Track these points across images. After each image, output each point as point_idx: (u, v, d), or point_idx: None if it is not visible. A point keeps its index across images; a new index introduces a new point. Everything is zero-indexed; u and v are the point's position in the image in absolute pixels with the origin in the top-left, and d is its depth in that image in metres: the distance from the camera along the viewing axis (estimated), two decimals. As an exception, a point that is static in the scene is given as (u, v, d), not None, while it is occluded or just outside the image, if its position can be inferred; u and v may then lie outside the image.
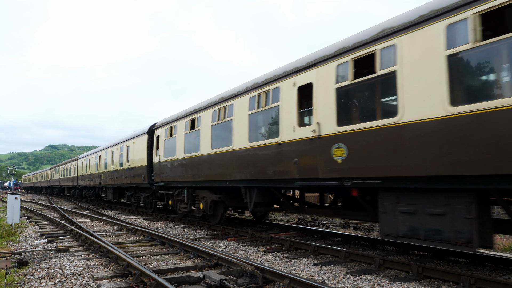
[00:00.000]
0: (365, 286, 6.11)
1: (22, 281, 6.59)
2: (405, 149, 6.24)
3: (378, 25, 7.22)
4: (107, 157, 25.63)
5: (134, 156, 20.20)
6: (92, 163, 30.07)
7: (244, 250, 9.32)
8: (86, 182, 31.78)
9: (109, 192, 25.64)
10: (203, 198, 13.22)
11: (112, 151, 24.64)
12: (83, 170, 33.20)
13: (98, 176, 27.78)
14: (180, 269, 7.16)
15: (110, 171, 24.54)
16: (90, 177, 30.29)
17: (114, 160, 23.85)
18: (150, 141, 18.33)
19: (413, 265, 6.71)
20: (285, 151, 9.02)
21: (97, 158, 28.35)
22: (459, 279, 6.01)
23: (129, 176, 20.85)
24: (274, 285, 6.16)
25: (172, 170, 15.14)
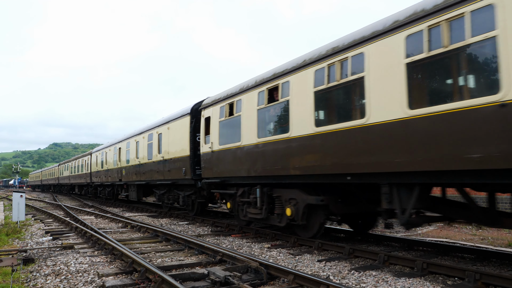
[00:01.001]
0: (369, 281, 6.11)
1: (28, 278, 6.63)
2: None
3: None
4: (130, 149, 21.84)
5: (170, 145, 16.17)
6: (110, 157, 26.32)
7: (249, 247, 9.34)
8: (102, 179, 28.08)
9: (132, 190, 22.07)
10: (289, 200, 9.39)
11: (137, 141, 20.72)
12: (98, 166, 29.34)
13: (117, 171, 24.10)
14: (184, 266, 7.18)
15: (134, 165, 20.81)
16: (107, 174, 26.55)
17: (140, 152, 20.04)
18: (194, 124, 14.38)
19: (418, 260, 6.70)
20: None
21: (116, 151, 24.63)
22: (464, 275, 5.99)
23: (162, 171, 17.00)
24: (279, 281, 6.17)
25: (234, 162, 11.17)
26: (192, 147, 14.34)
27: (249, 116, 10.56)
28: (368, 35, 7.27)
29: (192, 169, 14.21)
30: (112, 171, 25.33)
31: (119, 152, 24.11)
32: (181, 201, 16.01)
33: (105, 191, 28.73)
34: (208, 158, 12.70)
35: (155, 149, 17.95)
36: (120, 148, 24.07)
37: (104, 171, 27.48)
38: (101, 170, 28.53)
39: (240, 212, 11.38)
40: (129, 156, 22.01)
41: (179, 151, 15.22)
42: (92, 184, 31.65)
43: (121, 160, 23.59)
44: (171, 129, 16.15)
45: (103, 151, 28.52)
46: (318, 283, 5.48)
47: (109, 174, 26.16)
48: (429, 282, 6.02)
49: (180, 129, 15.33)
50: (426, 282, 6.01)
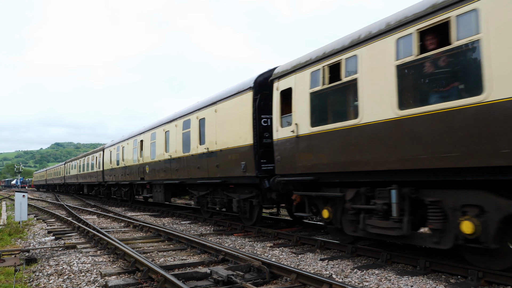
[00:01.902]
0: (372, 280, 6.11)
1: (31, 278, 6.65)
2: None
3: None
4: (157, 141, 18.16)
5: (219, 133, 12.43)
6: (128, 151, 22.68)
7: (251, 246, 9.34)
8: (118, 177, 24.42)
9: (157, 191, 18.27)
10: (465, 208, 5.93)
11: (167, 130, 16.94)
12: (113, 163, 25.60)
13: (138, 169, 20.43)
14: (187, 265, 7.19)
15: (163, 161, 17.03)
16: (125, 171, 22.87)
17: (172, 144, 16.23)
18: (259, 102, 10.76)
19: (421, 259, 6.69)
20: None
21: (136, 145, 21.09)
22: (467, 273, 5.98)
23: (206, 167, 13.20)
24: (282, 280, 6.17)
25: (344, 150, 7.64)
26: (257, 134, 10.66)
27: (377, 78, 7.02)
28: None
29: (256, 164, 10.54)
30: (131, 168, 21.68)
31: (141, 145, 20.44)
32: (235, 206, 12.02)
33: (121, 191, 25.27)
34: (289, 147, 9.15)
35: (195, 139, 14.07)
36: (142, 140, 20.31)
37: (121, 169, 23.80)
38: (116, 167, 24.84)
39: (349, 224, 7.91)
40: (154, 149, 18.33)
41: (235, 140, 11.46)
42: (105, 184, 28.18)
43: (143, 155, 19.90)
44: (221, 111, 12.39)
45: (118, 146, 24.76)
46: (321, 281, 5.48)
47: (127, 172, 22.50)
48: (432, 281, 6.01)
49: (235, 110, 11.60)
50: (429, 281, 6.01)
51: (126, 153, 23.06)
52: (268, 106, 10.52)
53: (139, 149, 20.72)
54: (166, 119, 17.41)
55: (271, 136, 10.20)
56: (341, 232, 8.47)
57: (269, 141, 10.41)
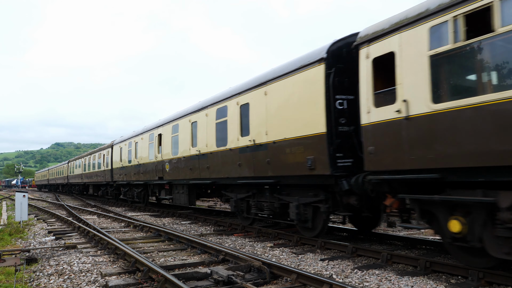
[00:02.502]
0: (372, 280, 6.11)
1: (32, 278, 6.65)
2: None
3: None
4: (180, 134, 15.40)
5: (271, 120, 9.93)
6: (142, 148, 20.12)
7: (251, 246, 9.34)
8: (130, 177, 22.07)
9: (179, 192, 15.80)
10: None
11: (193, 121, 14.27)
12: (124, 161, 23.16)
13: (156, 167, 17.90)
14: (187, 265, 7.19)
15: (189, 157, 14.46)
16: (138, 170, 20.47)
17: (201, 138, 13.63)
18: (334, 79, 8.30)
19: (421, 259, 6.69)
20: None
21: (154, 139, 18.55)
22: (468, 273, 5.98)
23: (250, 163, 10.74)
24: (282, 280, 6.17)
25: (504, 133, 5.24)
26: (332, 119, 8.24)
27: None
28: None
29: (330, 159, 8.18)
30: (147, 166, 19.28)
31: (159, 140, 17.95)
32: (292, 213, 9.45)
33: (132, 192, 22.79)
34: (391, 133, 6.83)
35: (234, 130, 11.55)
36: (160, 134, 17.75)
37: (133, 167, 21.24)
38: (128, 166, 22.32)
39: (498, 242, 5.57)
40: (177, 144, 15.75)
41: (297, 129, 9.04)
42: (114, 184, 25.94)
43: (162, 151, 17.35)
44: (274, 93, 9.89)
45: (130, 141, 22.32)
46: (321, 282, 5.48)
47: (141, 170, 20.13)
48: (432, 281, 6.01)
49: (297, 90, 9.12)
50: (429, 281, 6.01)
51: (140, 150, 20.60)
52: (343, 85, 8.35)
53: (156, 144, 18.19)
54: (192, 108, 14.74)
55: (349, 122, 8.29)
56: (476, 252, 6.13)
57: (345, 129, 8.31)
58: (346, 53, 8.46)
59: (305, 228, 9.57)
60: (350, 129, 8.26)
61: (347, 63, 8.36)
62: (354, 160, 8.16)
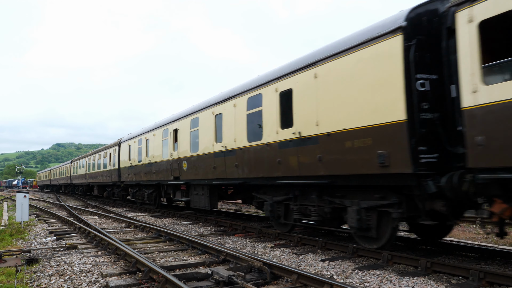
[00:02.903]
0: (373, 281, 6.10)
1: (32, 278, 6.66)
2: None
3: None
4: (201, 128, 13.71)
5: (324, 107, 8.43)
6: (155, 144, 18.26)
7: (252, 246, 9.34)
8: (140, 177, 20.18)
9: (197, 194, 14.16)
10: None
11: (218, 113, 12.62)
12: (133, 159, 21.43)
13: (171, 165, 16.06)
14: (188, 266, 7.19)
15: (212, 154, 12.74)
16: (150, 169, 18.64)
17: (227, 131, 11.93)
18: (414, 53, 6.79)
19: (422, 260, 6.68)
20: None
21: (168, 135, 16.57)
22: (468, 274, 5.97)
23: (293, 160, 9.25)
24: (282, 280, 6.17)
25: None
26: (412, 104, 6.75)
27: None
28: None
29: (412, 153, 6.65)
30: (160, 165, 17.54)
31: (174, 136, 16.06)
32: (352, 220, 7.94)
33: (143, 193, 21.06)
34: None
35: (271, 121, 9.91)
36: (176, 130, 15.87)
37: (144, 166, 19.56)
38: (138, 165, 20.61)
39: None
40: (196, 140, 14.05)
41: (362, 117, 7.46)
42: (121, 184, 24.32)
43: (179, 148, 15.50)
44: (328, 74, 8.33)
45: (140, 138, 20.54)
46: (322, 282, 5.48)
47: (153, 169, 18.43)
48: (433, 281, 6.00)
49: (362, 70, 7.54)
50: (430, 281, 6.00)
51: (152, 147, 18.74)
52: (425, 61, 6.85)
53: (171, 140, 16.36)
54: (216, 99, 13.02)
55: (432, 108, 6.81)
56: None
57: (428, 116, 6.81)
58: (427, 22, 6.94)
59: (366, 237, 8.01)
60: (434, 116, 6.82)
61: (428, 34, 6.91)
62: (440, 155, 6.76)
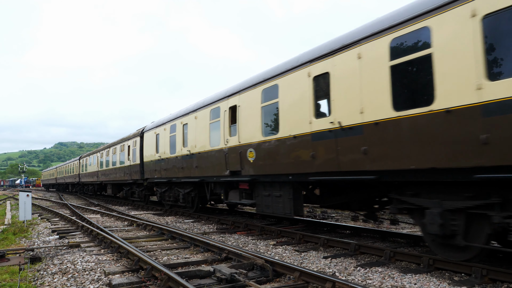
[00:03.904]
0: (375, 278, 6.10)
1: (36, 276, 6.68)
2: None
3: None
4: (285, 100, 9.57)
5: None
6: (198, 131, 13.97)
7: (254, 244, 9.35)
8: (170, 173, 16.46)
9: (276, 195, 10.08)
10: None
11: (319, 73, 8.38)
12: (162, 151, 17.22)
13: (226, 156, 11.99)
14: (190, 263, 7.20)
15: (324, 132, 8.19)
16: (189, 163, 14.60)
17: (343, 103, 7.70)
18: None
19: (424, 257, 6.68)
20: None
21: (221, 115, 12.46)
22: (471, 271, 5.96)
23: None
24: (285, 278, 6.17)
25: None
26: None
27: None
28: None
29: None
30: (206, 157, 13.29)
31: (231, 115, 11.97)
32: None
33: (176, 193, 16.88)
34: None
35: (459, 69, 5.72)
36: (235, 107, 11.75)
37: (180, 159, 15.37)
38: (169, 157, 16.37)
39: None
40: (275, 117, 9.93)
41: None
42: (144, 183, 20.34)
43: (239, 132, 11.30)
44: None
45: (174, 124, 16.17)
46: (324, 280, 5.48)
47: (194, 163, 14.16)
48: (435, 278, 6.00)
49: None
50: (433, 278, 5.99)
51: (193, 134, 14.30)
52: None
53: (226, 122, 11.99)
54: (310, 55, 8.87)
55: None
56: None
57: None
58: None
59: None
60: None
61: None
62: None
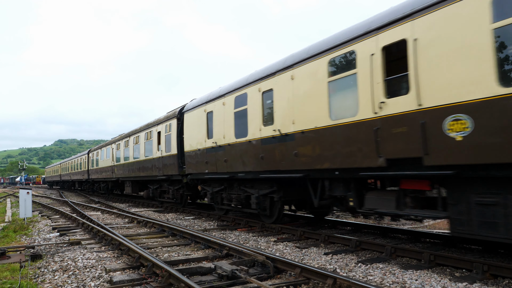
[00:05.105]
0: (376, 274, 6.11)
1: (37, 274, 6.69)
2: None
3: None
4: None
5: None
6: (304, 98, 8.80)
7: (255, 241, 9.36)
8: (242, 165, 11.22)
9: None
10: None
11: None
12: (217, 136, 12.53)
13: (377, 133, 6.94)
14: (191, 260, 7.21)
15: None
16: (281, 149, 9.55)
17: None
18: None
19: (425, 252, 6.69)
20: None
21: (371, 61, 7.08)
22: (472, 266, 5.97)
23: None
24: (286, 274, 6.19)
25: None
26: None
27: None
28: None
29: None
30: (315, 139, 8.53)
31: (385, 64, 7.02)
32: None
33: (240, 195, 12.01)
34: None
35: None
36: (388, 48, 7.00)
37: (254, 145, 10.66)
38: (233, 143, 11.66)
39: None
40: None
41: None
42: (185, 179, 15.52)
43: (421, 85, 6.22)
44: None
45: (239, 95, 11.43)
46: (325, 276, 5.49)
47: (288, 150, 9.35)
48: (436, 274, 6.01)
49: None
50: (434, 274, 6.00)
51: (285, 103, 9.48)
52: None
53: (378, 71, 7.05)
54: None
55: None
56: None
57: None
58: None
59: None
60: None
61: None
62: None
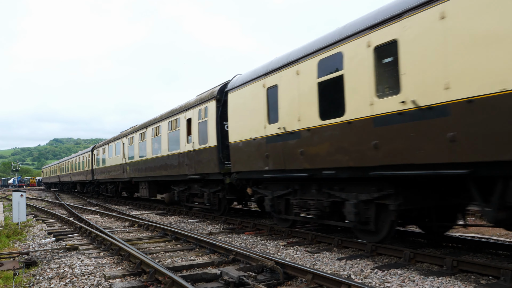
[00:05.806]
0: (394, 281, 6.07)
1: (31, 282, 6.74)
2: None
3: None
4: None
5: None
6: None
7: (263, 245, 9.36)
8: (305, 161, 9.09)
9: None
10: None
11: None
12: (302, 117, 9.12)
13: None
14: (196, 266, 7.22)
15: None
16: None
17: None
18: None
19: (447, 258, 6.62)
20: None
21: None
22: (499, 273, 5.89)
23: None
24: (296, 281, 6.17)
25: None
26: None
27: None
28: None
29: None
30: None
31: None
32: None
33: (321, 202, 9.22)
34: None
35: None
36: None
37: (362, 128, 7.58)
38: (317, 127, 8.71)
39: None
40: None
41: None
42: (227, 179, 13.08)
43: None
44: None
45: (324, 59, 8.55)
46: (339, 282, 5.46)
47: (443, 131, 6.13)
48: (460, 282, 5.95)
49: None
50: (457, 281, 5.94)
51: (417, 62, 6.53)
52: None
53: None
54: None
55: None
56: None
57: None
58: None
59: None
60: None
61: None
62: None
